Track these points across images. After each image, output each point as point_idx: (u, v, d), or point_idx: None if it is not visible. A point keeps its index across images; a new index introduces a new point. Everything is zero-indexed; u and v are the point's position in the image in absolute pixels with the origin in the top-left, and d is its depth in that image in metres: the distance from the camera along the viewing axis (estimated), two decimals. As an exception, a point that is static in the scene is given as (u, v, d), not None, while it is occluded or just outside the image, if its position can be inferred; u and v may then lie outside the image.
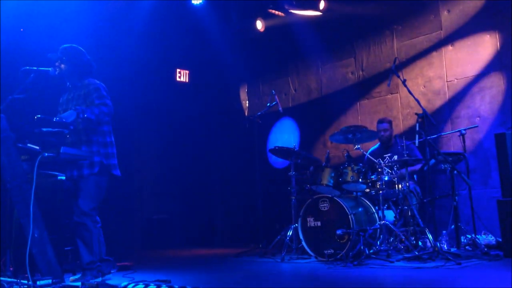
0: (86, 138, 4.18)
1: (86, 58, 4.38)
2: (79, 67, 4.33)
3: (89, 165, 4.13)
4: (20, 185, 3.53)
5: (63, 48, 4.34)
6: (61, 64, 4.30)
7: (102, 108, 4.11)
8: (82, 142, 4.17)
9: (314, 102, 7.98)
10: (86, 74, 4.37)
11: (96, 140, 4.21)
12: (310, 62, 8.06)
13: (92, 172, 4.13)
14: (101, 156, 4.19)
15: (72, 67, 4.31)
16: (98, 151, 4.20)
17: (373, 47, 7.30)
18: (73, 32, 6.31)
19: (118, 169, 4.35)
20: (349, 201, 5.33)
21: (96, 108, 4.08)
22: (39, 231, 3.43)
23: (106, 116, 4.14)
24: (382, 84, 7.02)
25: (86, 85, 4.29)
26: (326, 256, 5.14)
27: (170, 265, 5.85)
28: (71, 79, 4.35)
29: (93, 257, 4.08)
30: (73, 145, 4.15)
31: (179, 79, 8.44)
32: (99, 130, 4.24)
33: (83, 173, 4.12)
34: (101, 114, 4.08)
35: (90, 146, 4.18)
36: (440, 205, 5.49)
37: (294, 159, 6.00)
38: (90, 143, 4.19)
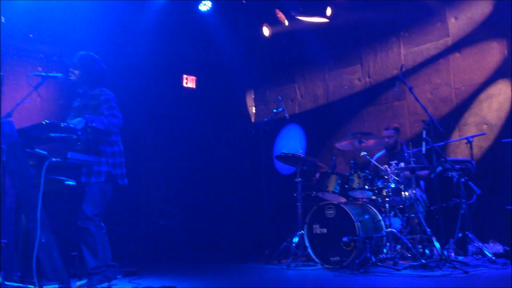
0: (95, 147, 4.21)
1: (100, 66, 4.42)
2: (92, 75, 4.37)
3: (96, 173, 4.16)
4: (27, 190, 3.54)
5: (79, 55, 4.38)
6: (75, 70, 4.35)
7: (111, 119, 4.14)
8: (90, 152, 4.19)
9: (321, 109, 7.97)
10: (98, 83, 4.40)
11: (104, 150, 4.23)
12: (317, 68, 8.06)
13: (99, 181, 4.16)
14: (109, 166, 4.22)
15: (85, 75, 4.35)
16: (107, 161, 4.22)
17: (379, 54, 7.29)
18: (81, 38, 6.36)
19: (126, 178, 4.36)
20: (355, 208, 5.31)
21: (106, 118, 4.11)
22: (46, 236, 3.44)
23: (115, 128, 4.17)
24: (388, 91, 7.01)
25: (97, 94, 4.32)
26: (332, 263, 5.12)
27: (175, 271, 5.85)
28: (84, 86, 4.39)
29: (98, 263, 4.08)
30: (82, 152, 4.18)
31: (186, 85, 8.46)
32: (107, 140, 4.27)
33: (90, 180, 4.15)
34: (110, 124, 4.11)
35: (99, 156, 4.20)
36: (447, 213, 5.46)
37: (300, 166, 6.00)
38: (99, 153, 4.21)
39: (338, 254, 5.09)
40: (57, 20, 6.33)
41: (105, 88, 4.39)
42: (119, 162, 4.33)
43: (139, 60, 7.34)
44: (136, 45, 7.27)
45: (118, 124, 4.18)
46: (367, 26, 7.33)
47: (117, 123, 4.17)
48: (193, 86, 8.52)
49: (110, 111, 4.21)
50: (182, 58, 8.18)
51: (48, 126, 3.71)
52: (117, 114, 4.22)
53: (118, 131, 4.35)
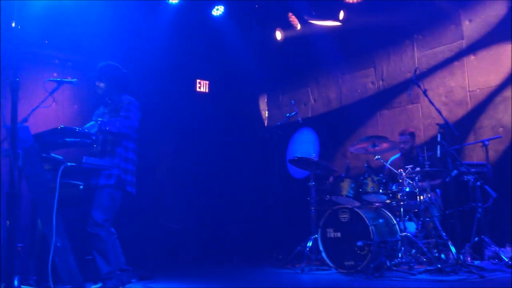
0: (111, 149, 4.25)
1: (121, 72, 4.50)
2: (117, 83, 4.45)
3: (107, 175, 4.18)
4: (43, 194, 3.57)
5: (99, 67, 4.45)
6: (100, 83, 4.42)
7: (123, 120, 4.18)
8: (106, 153, 4.24)
9: (334, 112, 7.94)
10: (124, 89, 4.49)
11: (119, 153, 4.27)
12: (330, 72, 8.04)
13: (108, 183, 4.18)
14: (120, 170, 4.25)
15: (110, 85, 4.43)
16: (119, 164, 4.25)
17: (393, 57, 7.25)
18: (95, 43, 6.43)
19: (134, 188, 4.38)
20: (369, 212, 5.28)
21: (118, 121, 4.15)
22: (61, 240, 3.47)
23: (127, 129, 4.20)
24: (402, 94, 6.96)
25: (122, 101, 4.40)
26: (346, 268, 5.09)
27: (189, 275, 5.86)
28: (111, 95, 4.46)
29: (110, 267, 4.09)
30: (96, 155, 4.22)
31: (199, 90, 8.49)
32: (123, 144, 4.31)
33: (99, 182, 4.17)
34: (122, 127, 4.16)
35: (113, 158, 4.24)
36: (463, 217, 5.40)
37: (314, 170, 5.98)
38: (113, 155, 4.25)
39: (353, 258, 5.06)
40: (71, 26, 6.39)
41: (130, 96, 4.47)
42: (130, 169, 4.35)
43: (153, 65, 7.38)
44: (149, 50, 7.32)
45: (129, 125, 4.21)
46: (380, 29, 7.29)
47: (128, 125, 4.21)
48: (206, 90, 8.55)
49: (125, 113, 4.26)
50: (195, 63, 8.22)
51: (63, 131, 3.75)
52: (130, 116, 4.26)
53: (134, 136, 4.39)
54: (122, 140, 4.30)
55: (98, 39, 6.46)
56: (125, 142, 4.33)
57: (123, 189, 4.28)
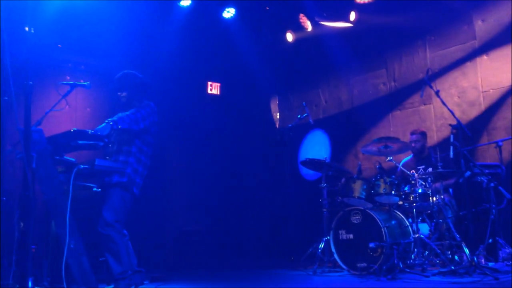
0: (127, 149, 4.30)
1: (139, 78, 4.53)
2: (138, 90, 4.50)
3: (120, 173, 4.23)
4: (57, 196, 3.60)
5: (118, 77, 4.50)
6: (122, 93, 4.48)
7: (130, 115, 4.23)
8: (122, 152, 4.28)
9: (345, 114, 7.92)
10: (144, 95, 4.54)
11: (134, 152, 4.31)
12: (341, 73, 8.02)
13: (121, 181, 4.22)
14: (132, 170, 4.28)
15: (132, 92, 4.48)
16: (132, 164, 4.28)
17: (405, 58, 7.22)
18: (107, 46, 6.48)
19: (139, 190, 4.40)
20: (382, 213, 5.25)
21: (127, 116, 4.19)
22: (75, 241, 3.49)
23: (135, 124, 4.22)
24: (415, 95, 6.92)
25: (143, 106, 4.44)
26: (359, 270, 5.06)
27: (201, 276, 5.87)
28: (134, 102, 4.49)
29: (123, 268, 4.12)
30: (112, 154, 4.27)
31: (210, 92, 8.52)
32: (138, 145, 4.34)
33: (113, 179, 4.21)
34: (131, 122, 4.20)
35: (128, 157, 4.28)
36: (476, 219, 5.34)
37: (326, 171, 5.96)
38: (129, 154, 4.30)
39: (365, 260, 5.04)
40: (83, 30, 6.46)
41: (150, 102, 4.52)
42: (140, 171, 4.38)
43: (164, 68, 7.42)
44: (161, 53, 7.36)
45: (136, 119, 4.25)
46: (392, 30, 7.26)
47: (135, 119, 4.25)
48: (217, 92, 8.58)
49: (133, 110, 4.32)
50: (207, 65, 8.25)
51: (76, 134, 3.79)
52: (141, 112, 4.32)
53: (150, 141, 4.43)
54: (136, 140, 4.33)
55: (110, 42, 6.51)
56: (140, 143, 4.37)
57: (132, 191, 4.31)
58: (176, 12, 7.47)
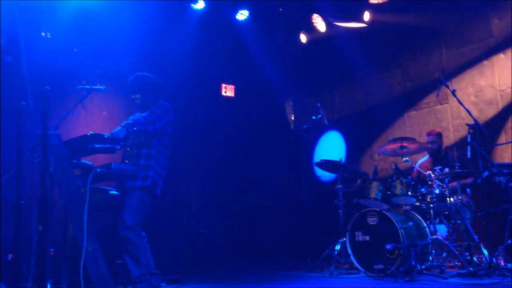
0: (147, 152, 4.32)
1: (151, 79, 4.55)
2: (151, 91, 4.52)
3: (142, 177, 4.25)
4: (74, 199, 3.63)
5: (132, 80, 4.53)
6: (136, 96, 4.50)
7: (146, 116, 4.24)
8: (142, 156, 4.30)
9: (360, 114, 7.87)
10: (159, 95, 4.56)
11: (153, 155, 4.33)
12: (355, 73, 7.97)
13: (144, 185, 4.24)
14: (154, 172, 4.30)
15: (146, 94, 4.50)
16: (153, 166, 4.31)
17: (420, 57, 7.16)
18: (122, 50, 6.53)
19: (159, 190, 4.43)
20: (398, 215, 5.21)
21: (142, 117, 4.21)
22: (92, 244, 3.52)
23: (150, 125, 4.24)
24: (430, 95, 6.86)
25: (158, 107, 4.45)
26: (376, 272, 5.02)
27: (218, 278, 5.88)
28: (150, 104, 4.51)
29: (141, 271, 4.14)
30: (132, 158, 4.30)
31: (224, 94, 8.54)
32: (156, 147, 4.36)
33: (136, 184, 4.23)
34: (146, 122, 4.22)
35: (148, 160, 4.30)
36: (495, 219, 5.27)
37: (341, 172, 5.93)
38: (149, 157, 4.31)
39: (382, 262, 5.00)
40: (98, 34, 6.52)
41: (166, 102, 4.53)
42: (161, 172, 4.41)
43: (178, 71, 7.46)
44: (175, 55, 7.40)
45: (152, 120, 4.26)
46: (406, 29, 7.20)
47: (151, 120, 4.26)
48: (231, 94, 8.59)
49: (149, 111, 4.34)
50: (221, 67, 8.27)
51: (92, 137, 3.81)
52: (156, 113, 4.32)
53: (167, 143, 4.46)
54: (154, 141, 4.35)
55: (125, 46, 6.56)
56: (158, 145, 4.39)
57: (153, 192, 4.33)
58: (190, 15, 7.51)
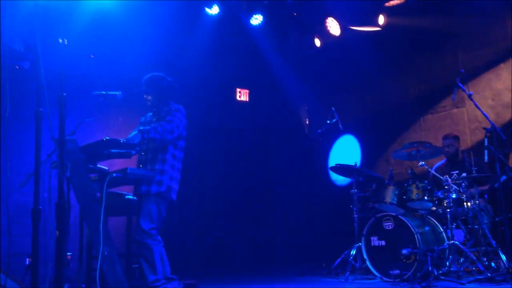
0: (162, 157, 4.34)
1: (166, 82, 4.55)
2: (163, 93, 4.52)
3: (158, 182, 4.26)
4: (90, 204, 3.67)
5: (144, 80, 4.54)
6: (148, 96, 4.53)
7: (164, 125, 4.24)
8: (157, 160, 4.32)
9: (375, 118, 7.82)
10: (170, 98, 4.56)
11: (168, 160, 4.35)
12: (370, 77, 7.93)
13: (160, 190, 4.25)
14: (169, 177, 4.32)
15: (156, 95, 4.51)
16: (168, 171, 4.33)
17: (436, 60, 7.09)
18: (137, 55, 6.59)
19: (176, 195, 4.45)
20: (414, 219, 5.16)
21: (159, 126, 4.22)
22: (108, 248, 3.55)
23: (168, 134, 4.25)
24: (446, 98, 6.79)
25: (169, 109, 4.48)
26: (392, 277, 4.98)
27: (233, 283, 5.87)
28: (159, 105, 4.54)
29: (156, 276, 4.15)
30: (147, 163, 4.32)
31: (239, 99, 8.56)
32: (171, 152, 4.37)
33: (151, 189, 4.24)
34: (164, 131, 4.21)
35: (163, 165, 4.32)
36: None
37: (356, 177, 5.90)
38: (164, 162, 4.33)
39: (398, 267, 4.95)
40: (114, 40, 6.59)
41: (178, 104, 4.55)
42: (175, 176, 4.43)
43: (193, 75, 7.49)
44: (189, 60, 7.44)
45: (171, 129, 4.26)
46: (421, 32, 7.14)
47: (170, 129, 4.26)
48: (246, 99, 8.61)
49: (168, 118, 4.33)
50: (235, 71, 8.30)
51: (108, 142, 3.85)
52: (173, 121, 4.32)
53: (182, 146, 4.46)
54: (170, 146, 4.37)
55: (140, 51, 6.62)
56: (173, 149, 4.40)
57: (168, 198, 4.35)
58: (204, 20, 7.56)
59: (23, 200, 4.41)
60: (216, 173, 8.02)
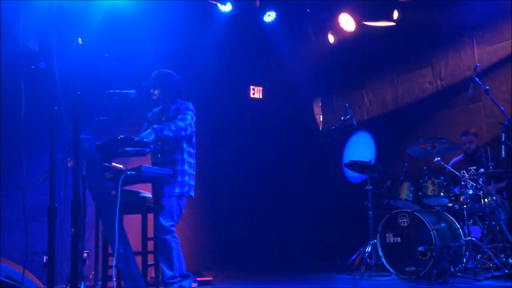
0: (181, 157, 4.35)
1: (175, 79, 4.56)
2: (170, 90, 4.53)
3: (180, 183, 4.28)
4: (106, 202, 3.69)
5: (153, 75, 4.56)
6: (154, 91, 4.54)
7: (178, 123, 4.24)
8: (177, 161, 4.33)
9: (390, 114, 7.77)
10: (178, 95, 4.56)
11: (185, 159, 4.36)
12: (385, 73, 7.88)
13: (183, 191, 4.28)
14: (188, 176, 4.34)
15: (164, 91, 4.53)
16: (186, 170, 4.35)
17: (451, 55, 7.02)
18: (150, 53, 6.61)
19: (193, 190, 4.47)
20: (430, 216, 5.12)
21: (173, 123, 4.23)
22: (124, 246, 3.57)
23: (182, 131, 4.24)
24: (462, 94, 6.70)
25: (178, 107, 4.47)
26: (407, 274, 4.95)
27: (249, 280, 5.88)
28: (165, 102, 4.56)
29: (174, 272, 4.18)
30: (166, 164, 4.33)
31: (253, 96, 8.55)
32: (186, 150, 4.39)
33: (174, 192, 4.26)
34: (177, 129, 4.21)
35: (183, 165, 4.34)
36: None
37: (371, 173, 5.87)
38: (183, 162, 4.35)
39: (414, 264, 4.92)
40: (128, 39, 6.62)
41: (184, 101, 4.54)
42: (193, 174, 4.46)
43: (207, 73, 7.50)
44: (203, 58, 7.45)
45: (184, 126, 4.25)
46: (437, 27, 7.07)
47: (183, 126, 4.25)
48: (260, 96, 8.60)
49: (181, 116, 4.34)
50: (249, 69, 8.29)
51: (123, 141, 3.87)
52: (185, 119, 4.32)
53: (195, 142, 4.47)
54: (184, 144, 4.38)
55: (153, 50, 6.64)
56: (187, 146, 4.42)
57: (188, 195, 4.37)
58: (218, 17, 7.56)
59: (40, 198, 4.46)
60: (230, 170, 8.03)
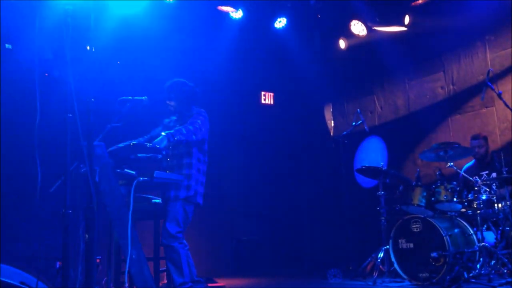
0: (189, 161, 4.37)
1: (188, 87, 4.59)
2: (185, 98, 4.55)
3: (186, 187, 4.30)
4: (118, 208, 3.72)
5: (167, 86, 4.59)
6: (170, 102, 4.57)
7: (188, 127, 4.26)
8: (184, 166, 4.36)
9: (402, 119, 7.73)
10: (192, 102, 4.59)
11: (194, 164, 4.38)
12: (396, 78, 7.85)
13: (188, 195, 4.29)
14: (196, 181, 4.36)
15: (179, 100, 4.55)
16: (195, 175, 4.37)
17: (463, 60, 6.98)
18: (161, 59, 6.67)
19: (201, 198, 4.48)
20: (443, 221, 5.08)
21: (184, 127, 4.24)
22: (136, 252, 3.59)
23: (193, 135, 4.25)
24: (475, 98, 6.67)
25: (191, 114, 4.50)
26: (421, 280, 4.91)
27: (259, 285, 5.88)
28: (182, 111, 4.57)
29: (184, 279, 4.18)
30: (174, 168, 4.35)
31: (264, 102, 8.57)
32: (196, 155, 4.41)
33: (180, 194, 4.28)
34: (188, 133, 4.22)
35: (190, 169, 4.35)
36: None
37: (383, 179, 5.85)
38: (191, 166, 4.36)
39: (427, 270, 4.88)
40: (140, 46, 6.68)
41: (200, 108, 4.57)
42: (201, 180, 4.46)
43: (218, 79, 7.54)
44: (214, 64, 7.49)
45: (194, 130, 4.26)
46: (448, 31, 7.03)
47: (194, 131, 4.26)
48: (271, 102, 8.62)
49: (189, 121, 4.37)
50: (260, 75, 8.31)
51: (135, 147, 3.90)
52: (196, 123, 4.33)
53: (206, 149, 4.49)
54: (195, 150, 4.40)
55: (165, 57, 6.69)
56: (198, 153, 4.43)
57: (195, 201, 4.38)
58: (229, 24, 7.60)
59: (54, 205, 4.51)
60: (241, 176, 8.04)
